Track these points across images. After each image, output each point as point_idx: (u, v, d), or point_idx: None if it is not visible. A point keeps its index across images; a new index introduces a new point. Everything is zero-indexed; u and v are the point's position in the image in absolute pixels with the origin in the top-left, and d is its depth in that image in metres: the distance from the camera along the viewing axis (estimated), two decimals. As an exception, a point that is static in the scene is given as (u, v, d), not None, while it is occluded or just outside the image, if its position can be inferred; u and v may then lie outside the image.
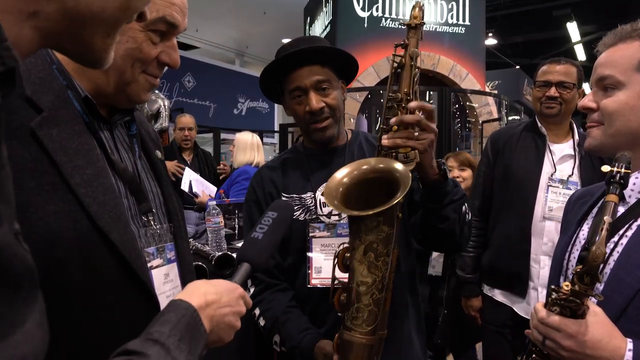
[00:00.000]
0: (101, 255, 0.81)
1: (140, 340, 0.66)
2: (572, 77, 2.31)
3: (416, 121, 1.24)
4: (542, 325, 0.98)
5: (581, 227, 1.21)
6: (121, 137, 0.98)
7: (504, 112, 7.28)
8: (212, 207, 2.39)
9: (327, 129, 1.51)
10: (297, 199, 1.55)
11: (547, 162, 2.30)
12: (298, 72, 1.48)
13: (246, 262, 0.95)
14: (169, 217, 1.02)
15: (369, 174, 1.28)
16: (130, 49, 0.87)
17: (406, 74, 1.30)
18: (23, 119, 0.80)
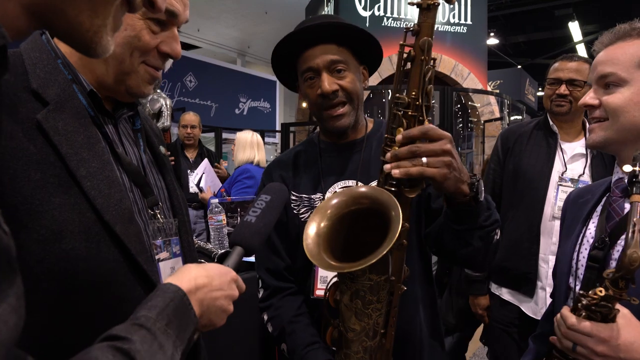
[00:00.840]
0: (106, 248, 0.81)
1: (126, 325, 0.65)
2: (583, 75, 2.25)
3: (412, 152, 1.02)
4: (572, 332, 0.97)
5: (587, 226, 1.21)
6: (126, 132, 0.99)
7: (506, 111, 7.28)
8: (215, 205, 2.39)
9: (342, 117, 1.33)
10: (307, 200, 1.42)
11: (558, 160, 2.26)
12: (311, 51, 1.32)
13: (239, 245, 0.93)
14: (174, 212, 1.02)
15: (355, 205, 1.10)
16: (129, 37, 0.86)
17: (415, 71, 1.06)
18: (29, 112, 0.80)
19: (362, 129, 1.44)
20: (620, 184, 1.16)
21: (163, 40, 0.91)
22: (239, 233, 0.95)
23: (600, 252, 1.10)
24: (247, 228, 0.95)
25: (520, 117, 8.12)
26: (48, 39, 0.90)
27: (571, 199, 1.36)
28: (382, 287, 1.05)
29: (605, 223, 1.15)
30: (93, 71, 0.90)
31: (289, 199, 1.39)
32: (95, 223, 0.81)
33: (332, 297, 1.14)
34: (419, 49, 1.04)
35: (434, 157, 1.01)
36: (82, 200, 0.80)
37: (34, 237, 0.75)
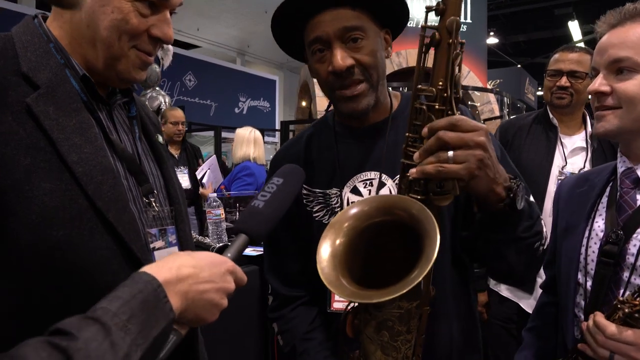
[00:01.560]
0: (99, 235, 0.79)
1: (79, 318, 0.59)
2: (584, 66, 2.19)
3: (441, 140, 0.86)
4: (612, 341, 0.93)
5: (593, 219, 1.15)
6: (120, 119, 0.96)
7: (506, 110, 7.26)
8: (213, 200, 2.38)
9: (359, 98, 1.10)
10: (321, 196, 1.21)
11: (558, 154, 2.22)
12: (318, 17, 1.08)
13: (243, 233, 0.84)
14: (170, 201, 1.00)
15: (377, 217, 0.93)
16: (116, 19, 0.83)
17: (441, 57, 0.89)
18: (19, 95, 0.78)
19: (386, 108, 1.20)
20: (631, 175, 1.10)
21: (154, 24, 0.87)
22: (244, 219, 0.86)
23: (614, 246, 1.05)
24: (254, 214, 0.86)
25: (520, 116, 8.09)
26: (40, 23, 0.88)
27: (566, 190, 1.30)
28: (413, 315, 0.91)
29: (617, 216, 1.09)
30: (84, 55, 0.87)
31: (300, 192, 1.22)
32: (88, 210, 0.78)
33: (351, 326, 0.97)
34: (446, 31, 0.88)
35: (464, 149, 0.86)
36: (74, 186, 0.78)
37: (23, 222, 0.73)
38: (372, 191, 1.16)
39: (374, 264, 0.96)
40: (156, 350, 0.65)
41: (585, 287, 1.13)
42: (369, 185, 1.17)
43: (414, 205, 0.88)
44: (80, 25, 0.85)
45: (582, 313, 1.14)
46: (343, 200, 1.17)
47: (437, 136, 0.86)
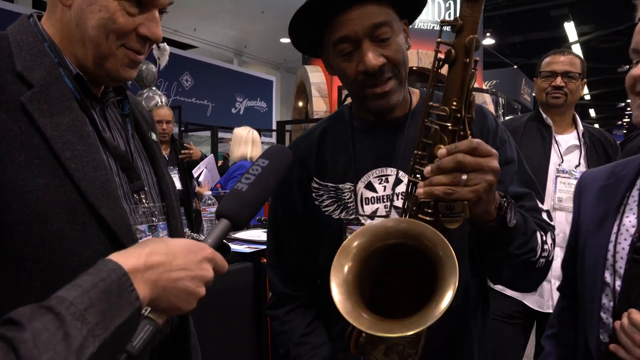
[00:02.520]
0: (92, 230, 0.81)
1: (32, 307, 0.56)
2: (577, 68, 2.32)
3: (460, 163, 0.85)
4: None
5: (623, 214, 1.08)
6: (113, 116, 0.98)
7: (502, 111, 7.29)
8: (208, 197, 2.40)
9: (390, 95, 1.09)
10: (333, 190, 1.18)
11: (554, 152, 2.31)
12: (345, 15, 1.05)
13: (225, 218, 0.80)
14: (162, 197, 1.02)
15: (386, 240, 0.89)
16: (103, 19, 0.84)
17: (456, 76, 0.88)
18: (13, 93, 0.80)
19: (406, 104, 1.18)
20: None
21: (142, 23, 0.88)
22: (225, 204, 0.82)
23: None
24: (236, 198, 0.82)
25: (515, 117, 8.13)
26: (35, 22, 0.90)
27: (589, 183, 1.22)
28: (422, 336, 0.91)
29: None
30: (74, 54, 0.89)
31: (310, 186, 1.20)
32: (80, 205, 0.81)
33: (355, 343, 0.92)
34: (463, 50, 0.87)
35: (478, 173, 0.86)
36: (67, 182, 0.80)
37: (19, 217, 0.76)
38: (387, 188, 1.14)
39: (384, 288, 0.94)
40: (122, 340, 0.62)
41: (614, 287, 1.05)
42: (385, 181, 1.15)
43: (426, 231, 0.85)
44: (70, 24, 0.87)
45: (608, 315, 1.07)
46: (357, 195, 1.15)
47: (456, 159, 0.85)
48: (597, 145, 2.29)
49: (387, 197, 1.14)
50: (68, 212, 0.79)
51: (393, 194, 1.13)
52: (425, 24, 7.12)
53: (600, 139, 2.33)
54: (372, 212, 1.14)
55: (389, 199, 1.13)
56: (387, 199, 1.14)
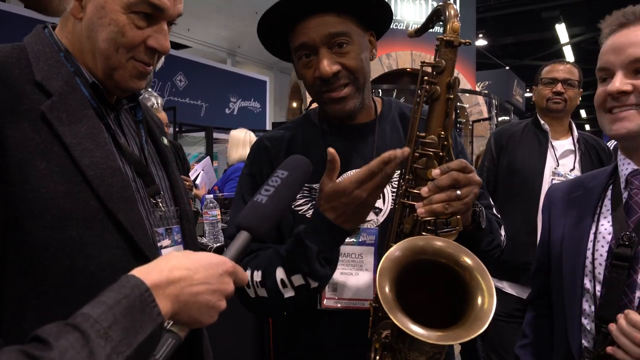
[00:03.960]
0: (110, 235, 0.84)
1: (59, 325, 0.58)
2: (576, 76, 2.47)
3: (455, 180, 0.96)
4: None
5: (597, 222, 1.13)
6: (127, 123, 1.01)
7: (494, 112, 7.36)
8: (210, 201, 2.41)
9: (345, 100, 1.13)
10: (307, 190, 1.19)
11: (550, 156, 2.42)
12: (304, 23, 1.10)
13: (245, 230, 0.81)
14: (175, 201, 1.04)
15: (424, 255, 0.97)
16: (112, 32, 0.87)
17: (439, 109, 1.01)
18: (33, 103, 0.82)
19: (371, 111, 1.25)
20: (639, 176, 1.08)
21: (150, 35, 0.90)
22: (246, 216, 0.82)
23: (627, 249, 1.02)
24: (256, 210, 0.83)
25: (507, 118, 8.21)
26: (51, 32, 0.92)
27: (559, 195, 1.28)
28: (443, 350, 0.96)
29: (627, 218, 1.07)
30: (85, 64, 0.91)
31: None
32: (99, 211, 0.83)
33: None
34: (447, 87, 1.00)
35: (468, 187, 0.97)
36: (86, 189, 0.82)
37: (40, 223, 0.78)
38: None
39: (417, 300, 0.98)
40: (144, 356, 0.63)
41: (594, 292, 1.09)
42: None
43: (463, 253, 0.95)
44: (81, 36, 0.90)
45: (589, 320, 1.10)
46: None
47: (452, 176, 0.96)
48: (591, 151, 2.42)
49: None
50: (87, 217, 0.81)
51: None
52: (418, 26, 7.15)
53: (594, 145, 2.46)
54: None
55: None
56: None
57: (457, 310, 0.93)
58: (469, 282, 0.92)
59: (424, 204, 0.96)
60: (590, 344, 1.09)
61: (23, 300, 0.79)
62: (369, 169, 0.95)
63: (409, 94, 6.84)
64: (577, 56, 12.42)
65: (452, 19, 1.02)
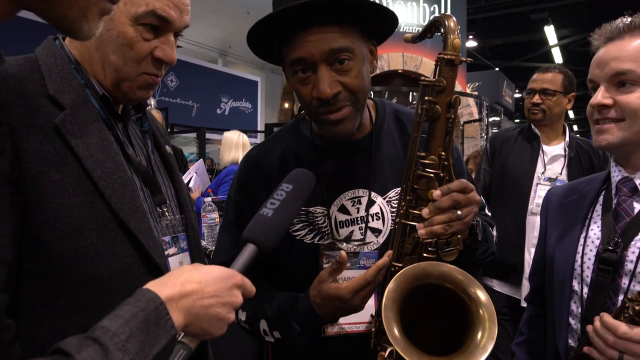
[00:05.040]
0: (121, 244, 0.86)
1: (79, 337, 0.60)
2: (555, 85, 2.52)
3: (456, 202, 0.96)
4: (623, 341, 0.92)
5: (588, 226, 1.16)
6: (134, 133, 1.03)
7: (485, 113, 7.42)
8: (208, 204, 2.43)
9: (344, 122, 1.05)
10: (303, 214, 1.14)
11: (540, 162, 2.51)
12: (303, 35, 1.00)
13: (251, 243, 0.82)
14: (181, 209, 1.06)
15: (427, 280, 0.97)
16: (121, 45, 0.89)
17: (440, 128, 0.99)
18: (47, 116, 0.84)
19: (367, 123, 1.17)
20: (628, 184, 1.11)
21: (157, 46, 0.92)
22: (252, 229, 0.83)
23: (613, 254, 1.05)
24: (262, 223, 0.84)
25: (498, 119, 8.29)
26: (62, 45, 0.94)
27: (555, 199, 1.31)
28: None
29: (614, 223, 1.10)
30: (94, 75, 0.94)
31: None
32: (111, 220, 0.86)
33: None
34: (447, 106, 0.98)
35: (468, 207, 0.97)
36: (98, 199, 0.85)
37: (55, 233, 0.80)
38: (360, 209, 1.14)
39: (421, 321, 1.01)
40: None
41: (581, 294, 1.12)
42: (357, 203, 1.14)
43: (472, 284, 0.95)
44: (90, 47, 0.92)
45: (576, 321, 1.14)
46: (331, 219, 1.13)
47: (452, 197, 0.96)
48: (582, 156, 2.48)
49: (361, 219, 1.14)
50: (99, 227, 0.84)
51: (367, 216, 1.14)
52: (410, 27, 7.22)
53: (587, 149, 2.52)
54: (347, 236, 1.13)
55: (364, 221, 1.14)
56: (361, 221, 1.14)
57: (457, 337, 0.95)
58: (474, 313, 0.93)
59: (424, 226, 0.96)
60: (576, 343, 1.13)
61: (38, 307, 0.81)
62: (365, 279, 0.97)
63: (401, 96, 6.88)
64: (565, 58, 12.56)
65: (452, 33, 0.98)
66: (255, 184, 1.17)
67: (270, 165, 1.17)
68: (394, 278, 0.95)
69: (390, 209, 1.15)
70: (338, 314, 1.02)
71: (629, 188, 1.11)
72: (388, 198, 1.15)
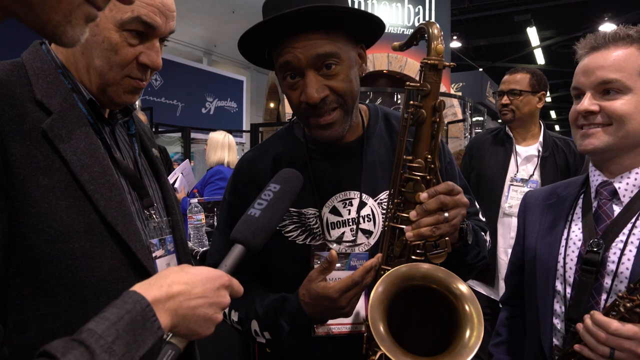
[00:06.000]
0: (109, 247, 0.87)
1: (65, 340, 0.60)
2: (522, 85, 2.55)
3: (442, 204, 0.97)
4: (614, 337, 0.94)
5: (569, 228, 1.20)
6: (122, 137, 1.04)
7: (468, 113, 7.51)
8: (194, 205, 2.43)
9: (334, 126, 1.07)
10: (295, 215, 1.16)
11: (513, 163, 2.54)
12: (290, 41, 1.02)
13: (239, 243, 0.83)
14: (168, 212, 1.07)
15: (412, 281, 0.98)
16: (106, 50, 0.90)
17: (425, 132, 1.01)
18: (34, 121, 0.85)
19: (358, 127, 1.20)
20: (608, 187, 1.15)
21: (142, 52, 0.93)
22: (240, 229, 0.84)
23: (595, 255, 1.09)
24: (250, 223, 0.85)
25: (481, 119, 8.39)
26: (48, 49, 0.95)
27: (533, 202, 1.34)
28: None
29: (595, 225, 1.14)
30: (80, 79, 0.94)
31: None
32: (99, 224, 0.86)
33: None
34: (432, 110, 1.00)
35: (455, 209, 0.98)
36: (86, 203, 0.86)
37: (42, 237, 0.81)
38: (351, 211, 1.16)
39: (408, 323, 1.03)
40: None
41: (564, 294, 1.16)
42: (349, 204, 1.17)
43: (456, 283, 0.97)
44: (75, 52, 0.93)
45: (559, 320, 1.17)
46: (323, 220, 1.15)
47: (439, 200, 0.97)
48: (558, 154, 2.49)
49: (352, 221, 1.16)
50: (87, 230, 0.85)
51: (358, 217, 1.16)
52: (395, 28, 7.28)
53: (562, 147, 2.53)
54: (338, 237, 1.15)
55: (355, 222, 1.16)
56: (352, 222, 1.16)
57: (446, 336, 0.96)
58: (460, 312, 0.95)
59: (412, 228, 0.98)
60: (560, 342, 1.16)
61: (26, 311, 0.82)
62: (352, 279, 0.98)
63: (386, 96, 6.93)
64: (547, 58, 12.76)
65: (435, 39, 1.00)
66: (248, 187, 1.19)
67: (264, 168, 1.19)
68: (380, 280, 0.97)
69: (382, 211, 1.17)
70: (326, 314, 1.02)
71: (608, 191, 1.15)
72: (379, 200, 1.17)
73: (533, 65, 12.19)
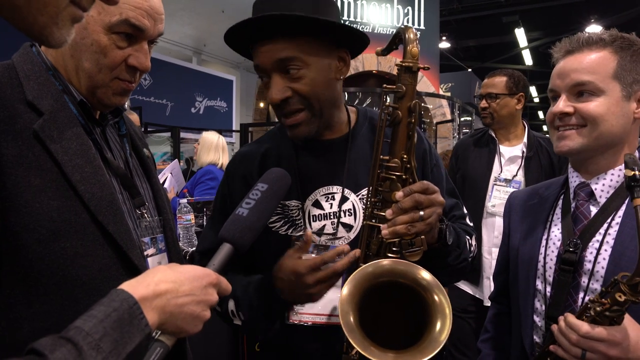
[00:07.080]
0: (100, 246, 0.88)
1: (53, 338, 0.61)
2: (498, 88, 2.59)
3: (417, 202, 1.00)
4: (585, 339, 0.96)
5: (549, 229, 1.23)
6: (112, 137, 1.05)
7: (457, 113, 7.57)
8: (184, 205, 2.44)
9: (300, 126, 1.13)
10: (279, 207, 1.20)
11: (497, 163, 2.57)
12: (257, 47, 1.10)
13: (227, 242, 0.84)
14: (159, 211, 1.09)
15: (380, 278, 0.99)
16: (95, 53, 0.91)
17: (402, 133, 1.05)
18: (26, 122, 0.86)
19: (343, 125, 1.24)
20: (585, 189, 1.18)
21: (131, 54, 0.95)
22: (228, 228, 0.86)
23: (573, 254, 1.11)
24: (237, 222, 0.86)
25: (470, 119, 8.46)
26: (38, 51, 0.95)
27: (517, 203, 1.37)
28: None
29: (573, 225, 1.16)
30: (69, 81, 0.96)
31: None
32: (90, 223, 0.88)
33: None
34: (408, 111, 1.03)
35: (430, 208, 1.00)
36: (78, 203, 0.87)
37: (34, 237, 0.82)
38: (333, 205, 1.20)
39: (379, 318, 1.04)
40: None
41: (545, 293, 1.18)
42: (331, 199, 1.20)
43: (422, 276, 0.99)
44: (65, 54, 0.94)
45: (540, 318, 1.19)
46: (305, 212, 1.19)
47: (413, 198, 1.00)
48: (542, 154, 2.52)
49: (334, 214, 1.20)
50: (79, 230, 0.86)
51: (340, 211, 1.19)
52: (384, 29, 7.32)
53: (546, 147, 2.55)
54: (319, 229, 1.18)
55: (336, 216, 1.19)
56: (334, 216, 1.20)
57: (418, 329, 0.98)
58: (430, 304, 0.96)
59: (387, 226, 1.01)
60: (541, 339, 1.19)
61: (18, 309, 0.83)
62: (322, 259, 1.00)
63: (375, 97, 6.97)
64: (535, 59, 12.89)
65: (411, 43, 1.04)
66: (236, 178, 1.26)
67: (253, 161, 1.25)
68: (349, 279, 0.98)
69: (363, 206, 1.19)
70: (293, 291, 1.03)
71: (585, 193, 1.18)
72: (361, 195, 1.20)
73: (521, 66, 12.32)
